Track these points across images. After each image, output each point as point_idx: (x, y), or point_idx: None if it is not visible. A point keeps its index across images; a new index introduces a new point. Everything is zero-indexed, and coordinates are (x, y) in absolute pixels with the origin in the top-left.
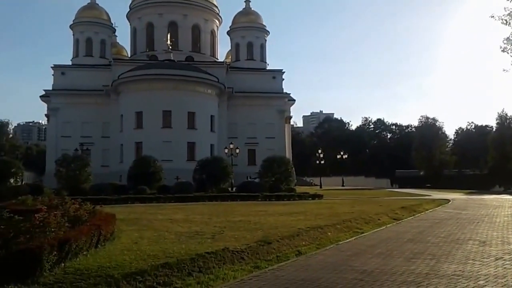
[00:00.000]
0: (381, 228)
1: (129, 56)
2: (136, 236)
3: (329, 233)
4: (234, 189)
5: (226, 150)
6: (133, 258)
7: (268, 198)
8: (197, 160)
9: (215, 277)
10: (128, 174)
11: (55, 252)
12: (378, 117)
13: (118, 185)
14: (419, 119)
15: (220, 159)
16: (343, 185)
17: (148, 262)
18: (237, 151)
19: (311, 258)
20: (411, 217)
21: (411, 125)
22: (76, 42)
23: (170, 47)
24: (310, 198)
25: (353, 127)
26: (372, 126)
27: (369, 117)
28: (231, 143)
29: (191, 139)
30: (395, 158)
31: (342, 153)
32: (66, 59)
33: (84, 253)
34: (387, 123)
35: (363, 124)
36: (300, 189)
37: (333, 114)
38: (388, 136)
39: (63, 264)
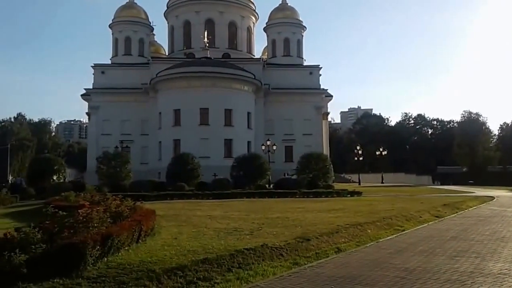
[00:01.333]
0: (423, 225)
1: (167, 54)
2: (176, 232)
3: (369, 231)
4: (271, 186)
5: (263, 147)
6: (174, 253)
7: (306, 195)
8: (234, 157)
9: (254, 273)
10: (166, 171)
11: (98, 247)
12: (419, 113)
13: (157, 182)
14: (462, 114)
15: (257, 156)
16: (382, 182)
17: (188, 257)
18: (274, 148)
19: (351, 256)
20: (453, 215)
21: (453, 121)
22: (115, 41)
23: (207, 45)
24: (348, 195)
25: (393, 123)
26: (412, 121)
27: (409, 113)
28: (268, 140)
29: (228, 136)
30: (436, 154)
31: (381, 149)
32: (106, 58)
33: (126, 248)
34: (428, 118)
35: (402, 120)
36: (338, 186)
37: (371, 109)
38: (429, 132)
39: (105, 259)
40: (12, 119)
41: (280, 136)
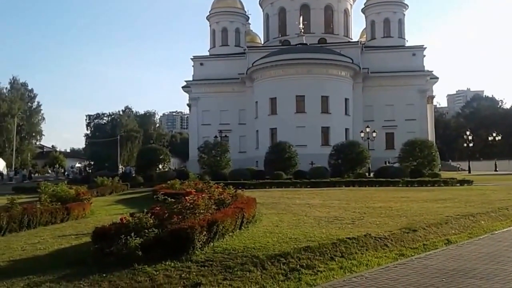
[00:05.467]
0: None
1: (262, 43)
2: (276, 220)
3: (482, 222)
4: (371, 174)
5: (362, 134)
6: (276, 240)
7: (410, 184)
8: (331, 144)
9: (358, 263)
10: (264, 160)
11: (205, 232)
12: None
13: (255, 170)
14: None
15: (356, 144)
16: (496, 170)
17: (290, 245)
18: (374, 134)
19: (463, 248)
20: None
21: None
22: (213, 33)
23: (303, 31)
24: (457, 184)
25: (507, 105)
26: None
27: None
28: (367, 127)
29: (325, 123)
30: None
31: (494, 134)
32: (205, 50)
33: (230, 234)
34: None
35: None
36: (445, 174)
37: (482, 91)
38: None
39: (212, 244)
40: (121, 112)
41: (380, 123)
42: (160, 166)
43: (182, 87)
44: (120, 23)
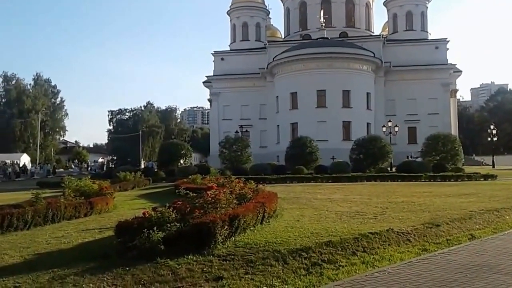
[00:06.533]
0: None
1: (283, 37)
2: (298, 214)
3: (507, 217)
4: (393, 169)
5: (384, 129)
6: (297, 235)
7: (432, 179)
8: (353, 139)
9: (380, 258)
10: (285, 155)
11: (226, 227)
12: None
13: (276, 165)
14: None
15: (377, 138)
16: None
17: (311, 239)
18: (396, 129)
19: (487, 243)
20: None
21: None
22: (233, 28)
23: (323, 25)
24: (481, 179)
25: None
26: None
27: None
28: (389, 121)
29: (346, 118)
30: None
31: None
32: (226, 45)
33: (251, 228)
34: None
35: None
36: (468, 169)
37: (507, 85)
38: None
39: (233, 238)
40: (142, 108)
41: (402, 117)
42: (182, 161)
43: (203, 82)
44: (142, 20)
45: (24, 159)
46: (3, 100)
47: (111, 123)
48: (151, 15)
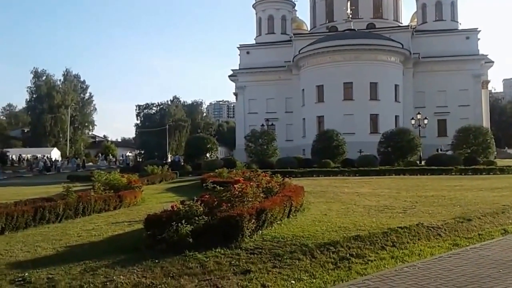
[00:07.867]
0: None
1: (309, 30)
2: (325, 208)
3: None
4: (422, 162)
5: (413, 121)
6: (325, 229)
7: (463, 172)
8: (380, 132)
9: (410, 253)
10: (311, 148)
11: (254, 220)
12: None
13: (302, 159)
14: None
15: (406, 131)
16: None
17: (339, 233)
18: (425, 121)
19: None
20: None
21: None
22: (259, 21)
23: (350, 16)
24: None
25: None
26: None
27: None
28: (418, 113)
29: (374, 110)
30: None
31: None
32: (251, 38)
33: (278, 222)
34: None
35: None
36: (501, 162)
37: None
38: None
39: (260, 232)
40: (169, 102)
41: (431, 109)
42: (208, 155)
43: (229, 76)
44: (168, 15)
45: (55, 154)
46: (34, 96)
47: (138, 117)
48: (177, 10)
